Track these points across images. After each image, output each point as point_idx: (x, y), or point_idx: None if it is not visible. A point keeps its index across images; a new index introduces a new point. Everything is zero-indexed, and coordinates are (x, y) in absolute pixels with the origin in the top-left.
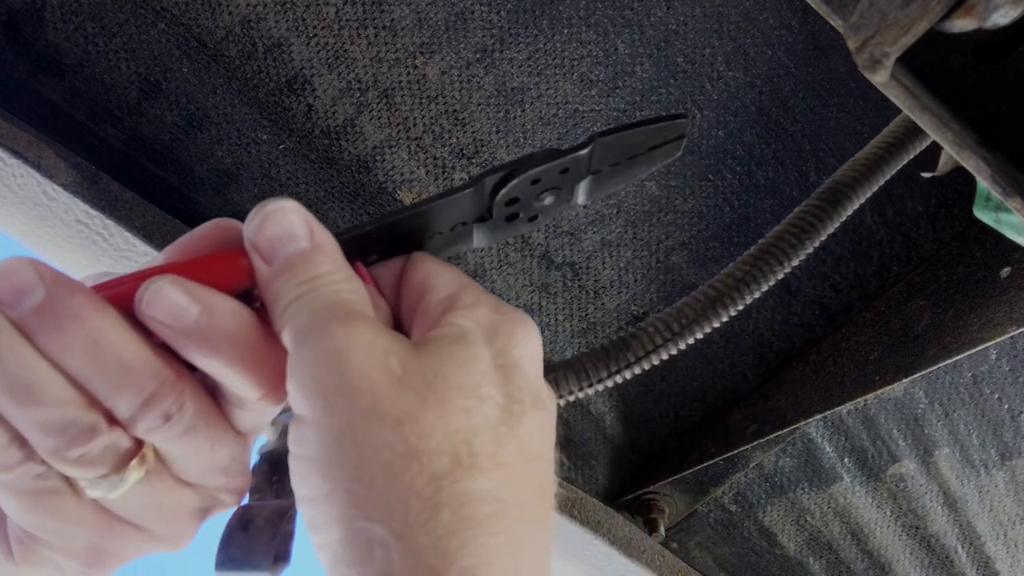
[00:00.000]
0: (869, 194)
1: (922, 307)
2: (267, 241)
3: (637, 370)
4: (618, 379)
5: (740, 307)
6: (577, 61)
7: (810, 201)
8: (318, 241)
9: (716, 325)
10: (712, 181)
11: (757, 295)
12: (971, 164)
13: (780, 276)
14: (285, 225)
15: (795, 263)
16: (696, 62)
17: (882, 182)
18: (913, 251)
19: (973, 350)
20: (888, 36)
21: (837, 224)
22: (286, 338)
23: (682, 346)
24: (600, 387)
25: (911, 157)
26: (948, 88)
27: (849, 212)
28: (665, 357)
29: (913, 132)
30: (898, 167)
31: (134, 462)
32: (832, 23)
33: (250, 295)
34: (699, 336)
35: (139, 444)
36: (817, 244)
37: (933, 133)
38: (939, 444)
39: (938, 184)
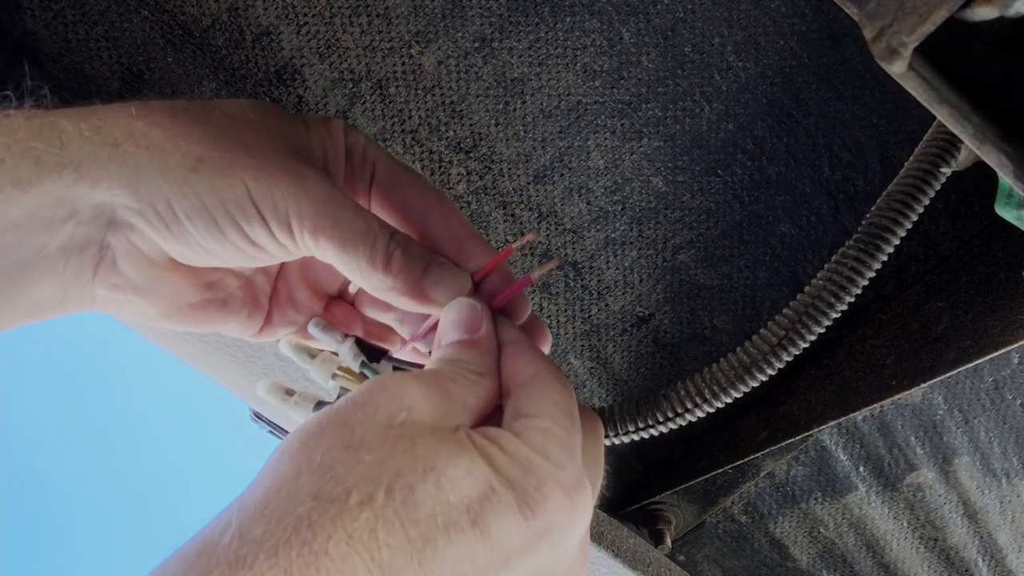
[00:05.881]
0: (906, 231)
1: (941, 309)
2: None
3: (664, 429)
4: (644, 435)
5: (776, 371)
6: (580, 51)
7: (848, 250)
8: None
9: (749, 388)
10: (721, 176)
11: (795, 355)
12: (992, 159)
13: (820, 331)
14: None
15: (837, 316)
16: (705, 52)
17: (920, 211)
18: (932, 250)
19: (995, 354)
20: (906, 25)
21: (876, 270)
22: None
23: (712, 410)
24: (621, 440)
25: (947, 176)
26: (968, 79)
27: (888, 253)
28: (693, 420)
29: (946, 151)
30: (936, 189)
31: None
32: (847, 11)
33: None
34: (731, 399)
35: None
36: (859, 292)
37: (953, 127)
38: (959, 452)
39: (958, 180)
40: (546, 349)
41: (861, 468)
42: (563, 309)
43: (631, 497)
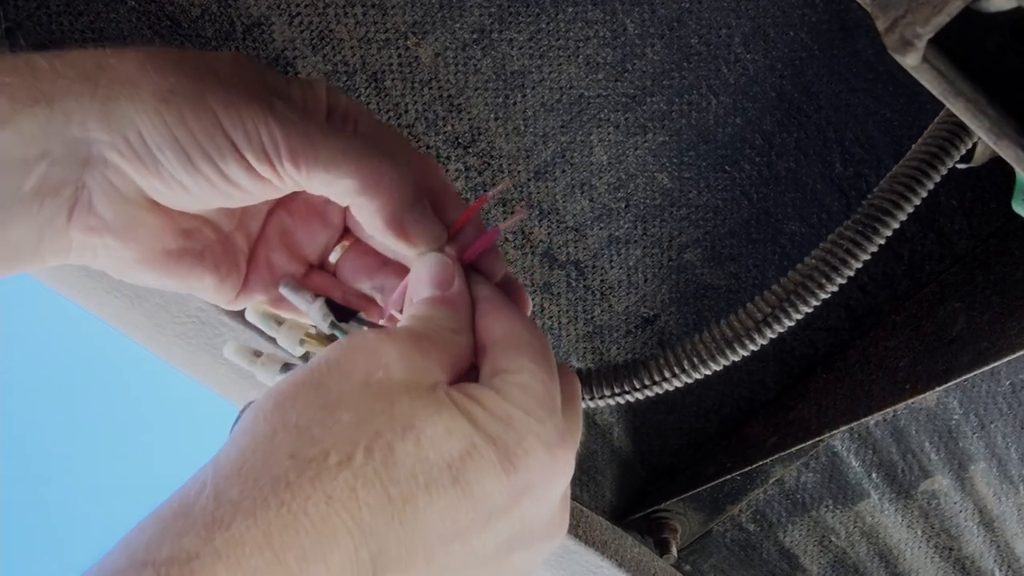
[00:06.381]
0: (907, 215)
1: (957, 309)
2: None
3: (640, 396)
4: (620, 401)
5: (759, 347)
6: (582, 42)
7: (845, 230)
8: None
9: (730, 362)
10: (729, 173)
11: (779, 333)
12: (1010, 154)
13: (808, 311)
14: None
15: (826, 296)
16: (712, 43)
17: (923, 196)
18: (947, 249)
19: (1012, 356)
20: (920, 15)
21: (871, 253)
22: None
23: (691, 381)
24: (597, 404)
25: (955, 161)
26: (985, 71)
27: (886, 237)
28: (671, 389)
29: (956, 135)
30: (942, 175)
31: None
32: (859, 1)
33: None
34: (711, 371)
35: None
36: (851, 274)
37: (968, 121)
38: (975, 458)
39: (974, 176)
40: (527, 310)
41: (874, 475)
42: (565, 310)
43: (636, 505)
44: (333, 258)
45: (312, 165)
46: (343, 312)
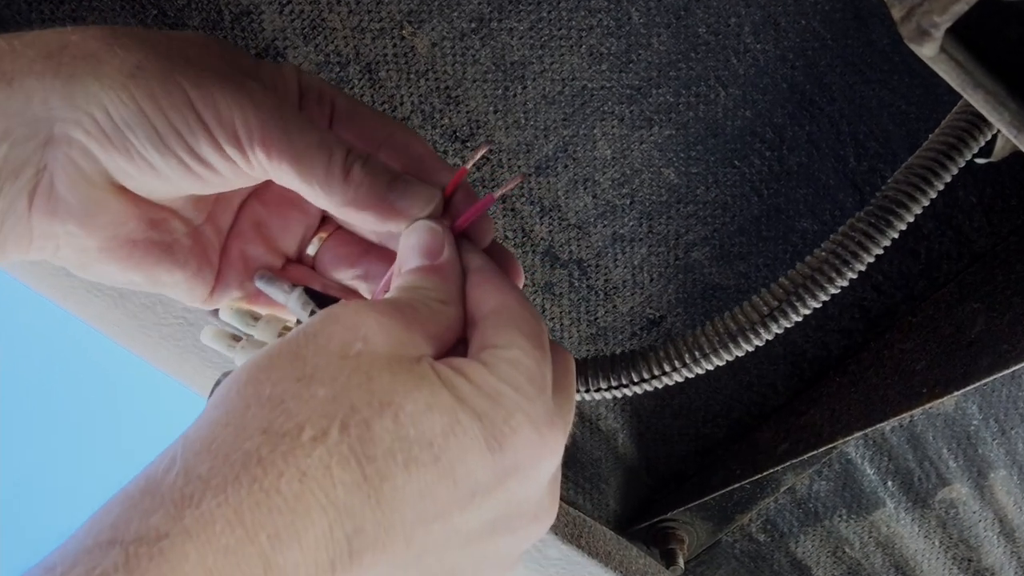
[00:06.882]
0: (923, 208)
1: (976, 310)
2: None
3: (639, 390)
4: (616, 394)
5: (764, 342)
6: (585, 32)
7: (857, 222)
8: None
9: (733, 357)
10: (738, 168)
11: (785, 328)
12: None
13: (816, 306)
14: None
15: (836, 292)
16: (720, 33)
17: (940, 188)
18: (965, 247)
19: None
20: (937, 4)
21: (884, 247)
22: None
23: (691, 375)
24: (592, 396)
25: (974, 153)
26: (1005, 63)
27: (900, 230)
28: (670, 383)
29: (975, 125)
30: (960, 166)
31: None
32: None
33: None
34: (713, 367)
35: None
36: (863, 268)
37: (988, 114)
38: (995, 465)
39: (994, 171)
40: (519, 282)
41: (889, 483)
42: (567, 311)
43: (641, 514)
44: (311, 250)
45: (282, 155)
46: (324, 301)
